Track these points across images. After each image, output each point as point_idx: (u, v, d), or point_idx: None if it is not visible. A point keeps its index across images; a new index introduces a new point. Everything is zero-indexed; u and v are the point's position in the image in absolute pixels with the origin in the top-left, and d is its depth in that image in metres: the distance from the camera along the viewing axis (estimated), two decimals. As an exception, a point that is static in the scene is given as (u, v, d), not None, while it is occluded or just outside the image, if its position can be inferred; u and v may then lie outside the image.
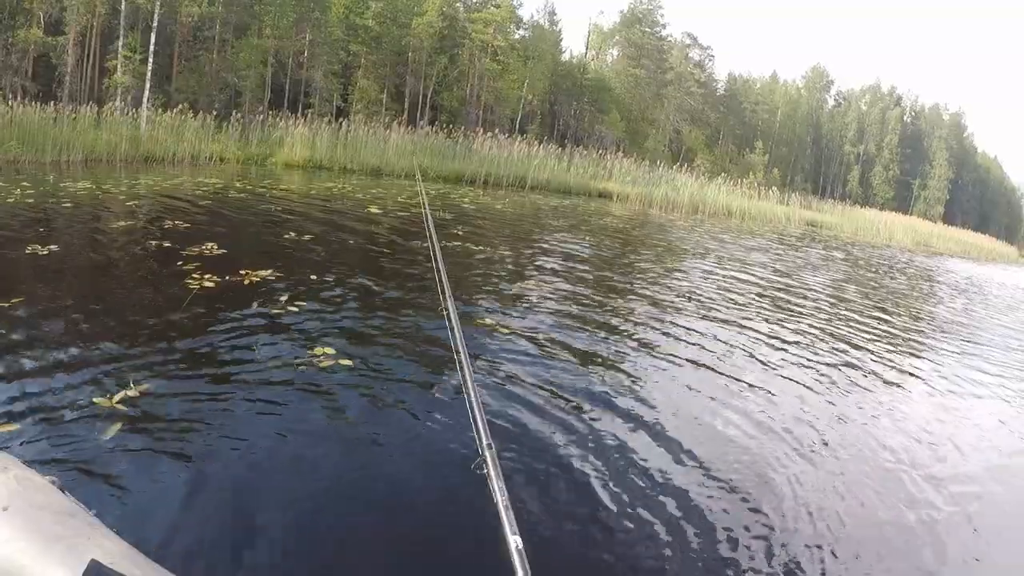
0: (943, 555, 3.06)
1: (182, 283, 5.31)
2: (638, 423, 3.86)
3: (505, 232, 11.88)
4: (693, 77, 43.90)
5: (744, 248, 15.59)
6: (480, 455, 1.53)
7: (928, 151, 59.02)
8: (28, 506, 1.49)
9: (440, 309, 2.64)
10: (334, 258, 7.45)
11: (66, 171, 12.65)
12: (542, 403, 3.91)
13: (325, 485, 2.87)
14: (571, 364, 4.77)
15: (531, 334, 5.33)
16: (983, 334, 9.56)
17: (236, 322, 4.63)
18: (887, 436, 4.44)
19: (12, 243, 6.19)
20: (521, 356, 4.74)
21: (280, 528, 2.51)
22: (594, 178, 25.76)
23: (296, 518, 2.59)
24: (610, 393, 4.28)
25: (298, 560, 2.35)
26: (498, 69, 29.58)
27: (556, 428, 3.61)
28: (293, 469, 2.93)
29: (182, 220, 8.04)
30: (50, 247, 5.99)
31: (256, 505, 2.63)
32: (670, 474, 3.31)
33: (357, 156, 19.96)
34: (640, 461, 3.39)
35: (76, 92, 20.27)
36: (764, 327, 7.08)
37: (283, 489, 2.78)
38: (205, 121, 18.09)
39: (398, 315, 5.50)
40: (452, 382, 4.01)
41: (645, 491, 3.10)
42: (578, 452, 3.39)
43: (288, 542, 2.44)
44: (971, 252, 34.60)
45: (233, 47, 23.23)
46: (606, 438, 3.60)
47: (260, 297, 5.27)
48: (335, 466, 3.04)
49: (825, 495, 3.42)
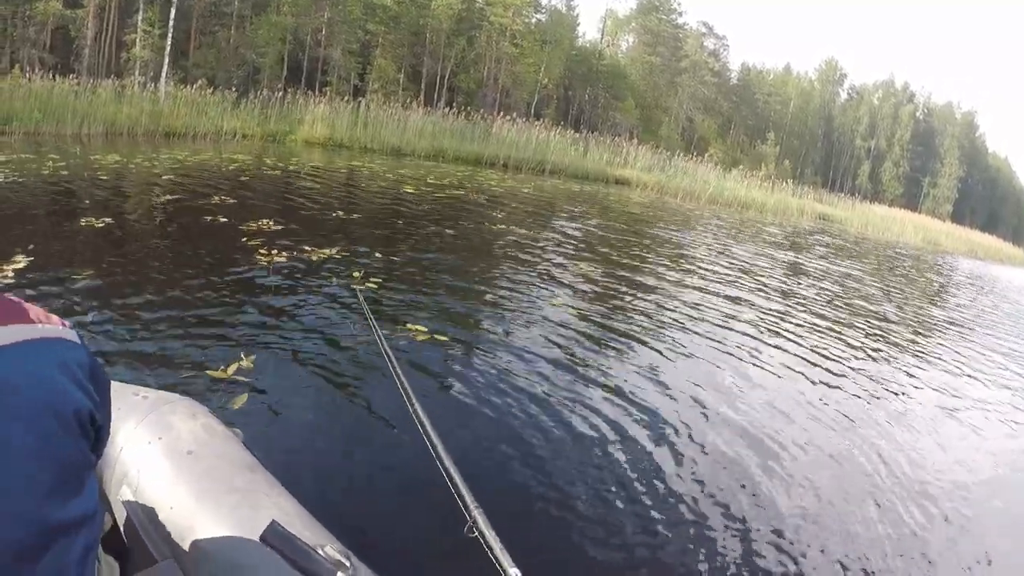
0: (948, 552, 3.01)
1: (252, 258, 5.25)
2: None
3: (543, 216, 11.79)
4: (708, 66, 43.59)
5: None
6: (469, 519, 1.45)
7: (939, 149, 58.67)
8: (212, 454, 1.56)
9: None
10: (390, 237, 7.41)
11: (88, 144, 12.48)
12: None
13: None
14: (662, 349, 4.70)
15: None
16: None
17: (319, 296, 4.64)
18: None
19: (65, 215, 6.10)
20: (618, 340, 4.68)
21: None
22: (610, 164, 25.59)
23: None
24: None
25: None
26: (516, 53, 29.31)
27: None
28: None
29: (227, 196, 7.95)
30: (104, 219, 5.90)
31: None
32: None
33: (377, 136, 19.78)
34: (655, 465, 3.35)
35: (94, 66, 20.05)
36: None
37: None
38: (225, 97, 17.91)
39: (469, 295, 5.48)
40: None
41: (663, 499, 2.97)
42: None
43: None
44: (978, 252, 34.41)
45: (252, 23, 22.97)
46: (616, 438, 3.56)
47: (335, 273, 5.26)
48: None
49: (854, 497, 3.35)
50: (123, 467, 1.55)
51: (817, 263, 13.01)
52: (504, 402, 3.44)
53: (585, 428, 3.35)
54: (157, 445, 1.56)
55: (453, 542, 2.34)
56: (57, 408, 0.85)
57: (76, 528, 0.87)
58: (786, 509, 3.03)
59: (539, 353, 4.30)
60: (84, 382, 0.90)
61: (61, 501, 0.85)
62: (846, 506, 3.21)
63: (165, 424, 1.62)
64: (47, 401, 0.84)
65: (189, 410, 1.70)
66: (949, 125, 59.27)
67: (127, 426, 1.61)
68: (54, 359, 0.87)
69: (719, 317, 6.44)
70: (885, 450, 4.00)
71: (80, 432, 0.89)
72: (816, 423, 4.20)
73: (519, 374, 3.86)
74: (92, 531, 0.91)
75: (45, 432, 0.83)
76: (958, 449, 4.44)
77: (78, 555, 0.87)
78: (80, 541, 0.88)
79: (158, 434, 1.59)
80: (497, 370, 3.86)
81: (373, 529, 2.28)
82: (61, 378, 0.86)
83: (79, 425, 0.89)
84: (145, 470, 1.52)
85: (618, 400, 3.79)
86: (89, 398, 0.91)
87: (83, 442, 0.90)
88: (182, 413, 1.67)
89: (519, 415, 3.33)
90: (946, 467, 4.03)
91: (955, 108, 61.28)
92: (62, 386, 0.86)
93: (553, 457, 3.00)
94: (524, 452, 2.99)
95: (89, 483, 0.92)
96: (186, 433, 1.60)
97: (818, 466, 3.58)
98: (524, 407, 3.42)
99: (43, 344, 0.86)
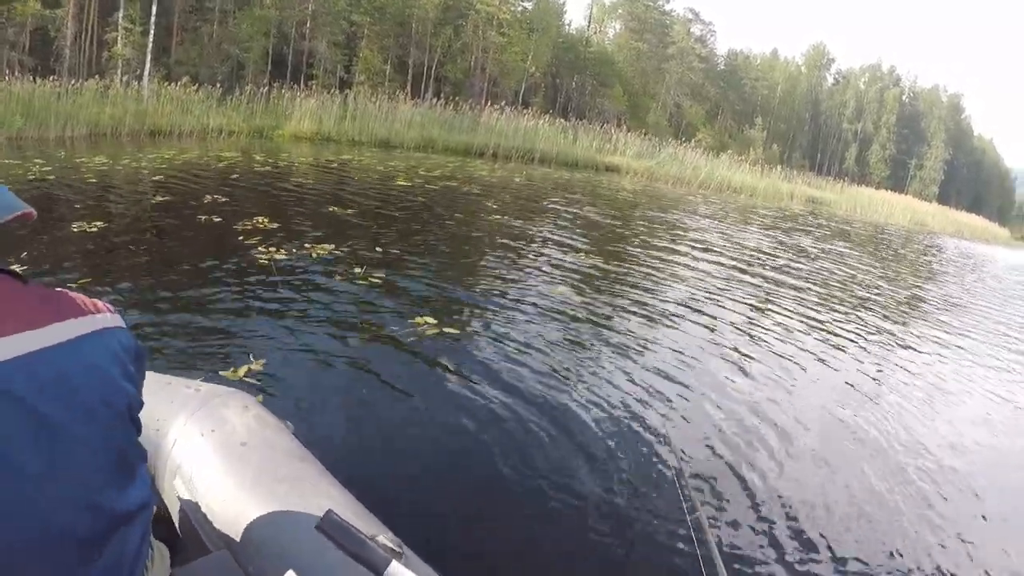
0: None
1: (251, 257, 5.17)
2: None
3: (536, 205, 11.76)
4: (695, 52, 43.54)
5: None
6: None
7: (925, 131, 58.97)
8: (264, 444, 1.59)
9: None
10: (387, 232, 7.33)
11: (72, 147, 12.24)
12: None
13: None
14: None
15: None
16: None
17: (323, 293, 4.64)
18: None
19: (55, 222, 5.92)
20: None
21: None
22: (600, 152, 25.51)
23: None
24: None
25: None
26: (503, 41, 29.11)
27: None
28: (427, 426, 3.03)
29: (218, 194, 7.84)
30: (96, 224, 5.80)
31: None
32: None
33: (365, 128, 19.61)
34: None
35: (75, 66, 19.68)
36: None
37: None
38: (210, 93, 17.66)
39: (472, 285, 5.48)
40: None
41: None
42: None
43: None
44: (964, 232, 34.72)
45: (235, 18, 22.66)
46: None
47: (336, 270, 5.24)
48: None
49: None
50: (176, 459, 1.59)
51: (809, 244, 13.12)
52: (528, 388, 3.53)
53: (611, 409, 3.46)
54: (210, 437, 1.59)
55: (499, 531, 2.43)
56: (112, 401, 0.90)
57: (133, 517, 0.93)
58: (789, 484, 3.12)
59: (550, 341, 4.36)
60: (131, 370, 0.95)
61: (119, 491, 0.91)
62: (843, 477, 3.31)
63: (218, 417, 1.65)
64: (103, 395, 0.89)
65: (241, 402, 1.74)
66: (935, 108, 59.59)
67: (180, 419, 1.64)
68: (108, 352, 0.91)
69: (728, 299, 6.63)
70: (881, 419, 4.16)
71: (131, 423, 0.96)
72: (814, 394, 4.41)
73: (535, 363, 3.91)
74: (146, 519, 0.98)
75: (103, 425, 0.89)
76: (950, 416, 4.59)
77: (136, 543, 0.94)
78: (137, 529, 0.94)
79: (211, 427, 1.62)
80: (512, 359, 3.91)
81: (416, 520, 2.27)
82: (115, 371, 0.91)
83: (130, 417, 0.95)
84: (199, 462, 1.55)
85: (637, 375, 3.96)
86: (135, 386, 0.96)
87: (134, 432, 0.97)
88: (234, 406, 1.71)
89: (550, 400, 3.43)
90: (938, 433, 4.18)
91: (941, 91, 61.64)
92: (116, 380, 0.91)
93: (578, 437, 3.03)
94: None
95: (141, 472, 0.99)
96: (239, 425, 1.63)
97: (814, 435, 3.74)
98: (549, 393, 3.51)
99: (97, 337, 0.90)
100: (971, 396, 5.16)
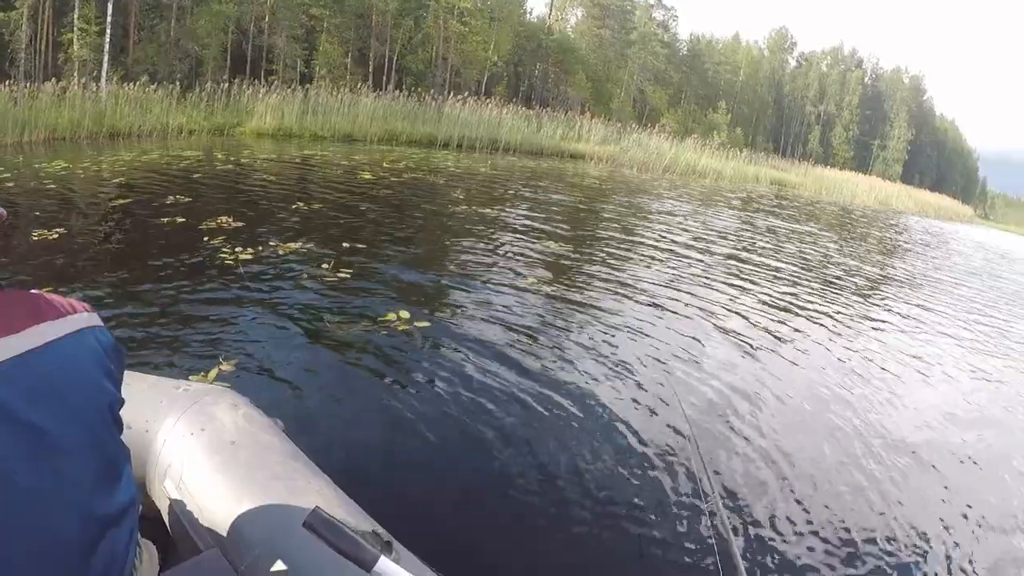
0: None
1: (217, 258, 5.20)
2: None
3: (502, 193, 11.86)
4: (657, 37, 43.66)
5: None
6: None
7: (888, 113, 59.90)
8: (254, 442, 1.58)
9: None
10: (354, 227, 7.38)
11: (30, 151, 12.02)
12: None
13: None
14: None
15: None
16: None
17: (292, 291, 4.66)
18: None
19: (13, 230, 5.80)
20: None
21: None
22: (564, 139, 25.60)
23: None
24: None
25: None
26: (464, 31, 28.96)
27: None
28: (393, 427, 3.03)
29: (181, 194, 7.81)
30: (57, 231, 5.74)
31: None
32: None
33: (328, 123, 19.46)
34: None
35: (31, 69, 19.21)
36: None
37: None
38: (170, 92, 17.38)
39: (444, 275, 5.55)
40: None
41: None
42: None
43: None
44: (928, 211, 35.49)
45: (192, 14, 22.27)
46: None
47: (304, 266, 5.29)
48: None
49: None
50: (166, 459, 1.58)
51: (779, 224, 13.44)
52: (498, 382, 3.58)
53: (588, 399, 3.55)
54: (200, 437, 1.59)
55: (489, 523, 2.47)
56: (96, 402, 0.91)
57: (120, 518, 0.93)
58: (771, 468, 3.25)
59: (528, 327, 4.51)
60: (112, 368, 0.96)
61: (107, 493, 0.91)
62: (852, 462, 3.46)
63: (207, 415, 1.65)
64: (87, 396, 0.89)
65: (230, 400, 1.73)
66: (897, 89, 60.53)
67: (169, 419, 1.64)
68: (89, 351, 0.92)
69: (704, 281, 6.98)
70: (872, 397, 4.43)
71: (114, 424, 0.96)
72: (802, 373, 4.65)
73: (513, 351, 4.02)
74: (132, 519, 0.97)
75: (88, 427, 0.89)
76: (925, 390, 4.92)
77: (124, 543, 0.94)
78: (125, 530, 0.94)
79: (200, 425, 1.61)
80: (490, 348, 4.00)
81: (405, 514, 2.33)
82: (97, 372, 0.92)
83: (113, 417, 0.95)
84: (188, 462, 1.54)
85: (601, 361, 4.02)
86: (115, 384, 0.96)
87: (117, 432, 0.96)
88: (224, 404, 1.71)
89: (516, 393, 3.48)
90: (916, 408, 4.46)
91: (903, 73, 62.55)
92: (99, 381, 0.92)
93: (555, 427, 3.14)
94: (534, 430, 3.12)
95: (126, 472, 0.98)
96: (228, 424, 1.63)
97: (795, 417, 3.91)
98: (518, 384, 3.57)
99: (77, 337, 0.90)
100: (957, 370, 5.48)
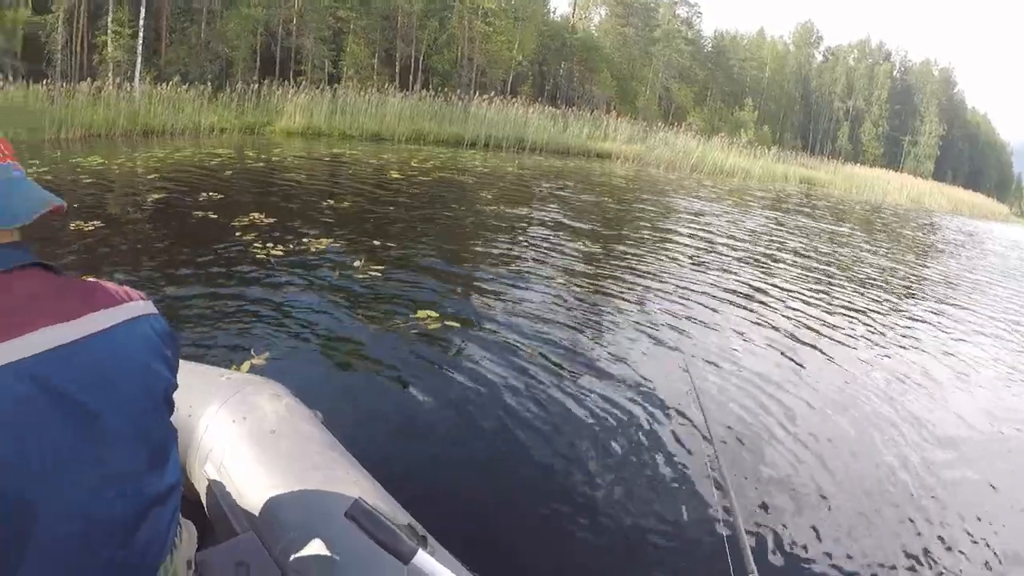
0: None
1: (248, 253, 5.26)
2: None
3: (531, 193, 11.88)
4: (681, 34, 43.34)
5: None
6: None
7: (918, 107, 58.64)
8: (294, 432, 1.62)
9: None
10: (383, 225, 7.44)
11: (67, 147, 12.30)
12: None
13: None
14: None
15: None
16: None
17: (322, 287, 4.68)
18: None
19: (52, 221, 5.95)
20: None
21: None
22: (591, 138, 25.50)
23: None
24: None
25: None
26: (489, 31, 29.02)
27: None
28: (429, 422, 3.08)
29: (213, 191, 7.92)
30: (93, 223, 5.89)
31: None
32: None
33: (356, 122, 19.66)
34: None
35: (67, 70, 19.72)
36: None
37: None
38: (201, 92, 17.70)
39: (475, 275, 5.55)
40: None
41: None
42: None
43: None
44: (962, 209, 34.64)
45: (222, 18, 22.62)
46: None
47: (335, 263, 5.29)
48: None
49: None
50: (208, 444, 1.63)
51: (809, 224, 13.24)
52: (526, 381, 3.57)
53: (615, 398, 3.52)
54: (242, 425, 1.64)
55: (521, 526, 2.48)
56: (151, 389, 0.94)
57: (166, 497, 0.96)
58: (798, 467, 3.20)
59: (562, 325, 4.50)
60: (168, 354, 0.98)
61: (154, 474, 0.94)
62: (857, 460, 3.39)
63: (250, 404, 1.70)
64: (142, 383, 0.93)
65: (272, 391, 1.78)
66: (927, 83, 59.21)
67: (212, 406, 1.71)
68: (142, 338, 0.94)
69: (736, 281, 6.89)
70: (903, 400, 4.31)
71: (166, 408, 0.99)
72: (832, 375, 4.54)
73: (549, 349, 4.02)
74: (176, 499, 1.01)
75: (139, 411, 0.92)
76: (960, 396, 4.71)
77: (167, 522, 0.97)
78: (169, 508, 0.97)
79: (243, 414, 1.66)
80: (524, 348, 3.99)
81: (440, 510, 2.34)
82: (151, 357, 0.95)
83: (166, 401, 0.98)
84: (229, 448, 1.59)
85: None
86: (170, 369, 0.99)
87: (167, 415, 1.00)
88: (266, 394, 1.75)
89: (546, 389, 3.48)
90: (948, 413, 4.29)
91: (932, 65, 61.21)
92: (153, 367, 0.95)
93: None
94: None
95: (173, 454, 1.01)
96: (270, 413, 1.68)
97: (837, 416, 3.86)
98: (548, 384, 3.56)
99: (131, 325, 0.93)
100: (995, 373, 5.36)
